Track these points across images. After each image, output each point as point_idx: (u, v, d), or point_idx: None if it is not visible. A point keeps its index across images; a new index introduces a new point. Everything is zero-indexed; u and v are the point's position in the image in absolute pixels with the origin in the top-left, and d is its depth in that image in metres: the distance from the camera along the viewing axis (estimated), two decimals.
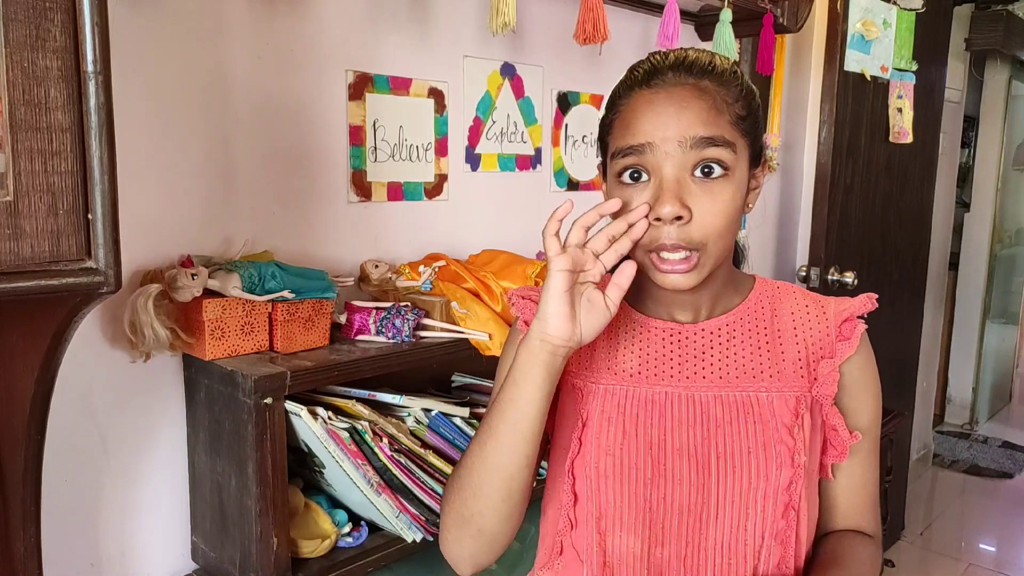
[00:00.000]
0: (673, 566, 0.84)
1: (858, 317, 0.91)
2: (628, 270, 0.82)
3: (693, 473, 0.84)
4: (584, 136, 2.01)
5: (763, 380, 0.87)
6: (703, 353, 0.89)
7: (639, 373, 0.89)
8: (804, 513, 0.86)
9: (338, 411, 1.28)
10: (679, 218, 0.80)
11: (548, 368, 0.80)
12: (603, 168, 0.91)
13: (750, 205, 0.90)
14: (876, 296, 0.91)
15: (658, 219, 0.80)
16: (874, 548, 0.93)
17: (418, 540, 1.32)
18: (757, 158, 0.88)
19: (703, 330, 0.90)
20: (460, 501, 0.85)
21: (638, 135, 0.82)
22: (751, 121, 0.85)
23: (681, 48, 0.88)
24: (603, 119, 0.89)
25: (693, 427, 0.86)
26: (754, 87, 0.88)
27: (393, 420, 1.32)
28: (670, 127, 0.80)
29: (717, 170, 0.81)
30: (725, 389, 0.87)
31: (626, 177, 0.83)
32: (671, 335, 0.91)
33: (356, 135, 1.52)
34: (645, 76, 0.84)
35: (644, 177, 0.82)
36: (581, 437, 0.87)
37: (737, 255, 1.00)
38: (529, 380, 0.80)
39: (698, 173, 0.81)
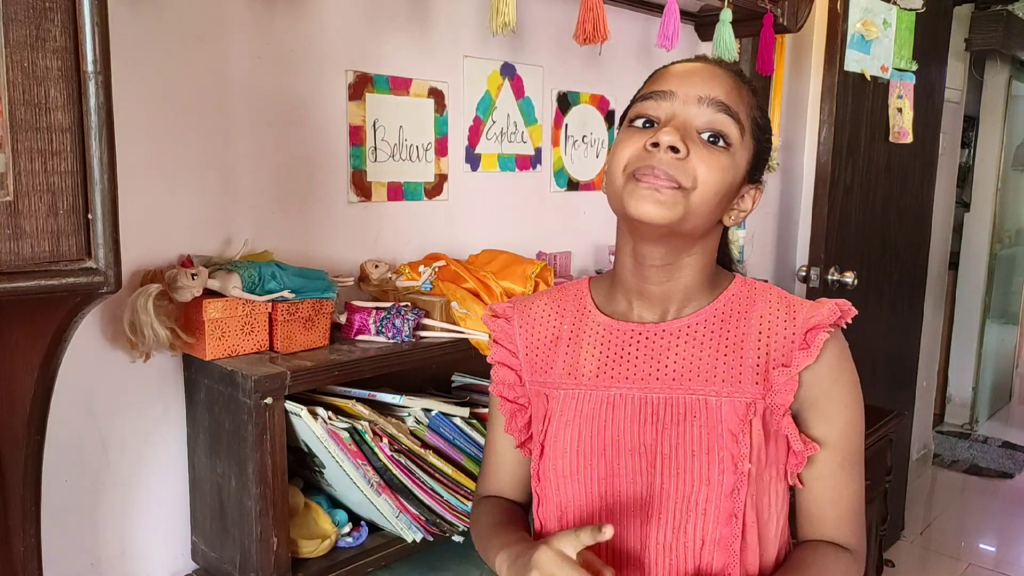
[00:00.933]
0: (628, 560, 0.88)
1: (847, 324, 0.88)
2: (608, 532, 0.78)
3: (643, 472, 0.86)
4: (584, 136, 2.01)
5: (715, 384, 0.87)
6: (660, 355, 0.89)
7: (596, 376, 0.91)
8: (753, 521, 0.85)
9: (338, 411, 1.28)
10: (675, 150, 0.82)
11: None
12: None
13: (732, 217, 0.90)
14: (849, 304, 0.87)
15: (655, 144, 0.82)
16: (849, 561, 0.91)
17: (418, 540, 1.32)
18: (754, 171, 0.90)
19: (665, 331, 0.90)
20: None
21: (663, 84, 0.87)
22: (762, 132, 0.89)
23: None
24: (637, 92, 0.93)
25: (644, 427, 0.87)
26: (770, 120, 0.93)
27: (393, 420, 1.32)
28: (695, 85, 0.85)
29: (720, 141, 0.85)
30: (677, 391, 0.87)
31: (638, 123, 0.87)
32: (632, 337, 0.91)
33: (356, 135, 1.52)
34: (687, 58, 0.91)
35: (654, 126, 0.86)
36: (543, 442, 0.91)
37: (727, 258, 1.01)
38: None
39: (704, 136, 0.84)
